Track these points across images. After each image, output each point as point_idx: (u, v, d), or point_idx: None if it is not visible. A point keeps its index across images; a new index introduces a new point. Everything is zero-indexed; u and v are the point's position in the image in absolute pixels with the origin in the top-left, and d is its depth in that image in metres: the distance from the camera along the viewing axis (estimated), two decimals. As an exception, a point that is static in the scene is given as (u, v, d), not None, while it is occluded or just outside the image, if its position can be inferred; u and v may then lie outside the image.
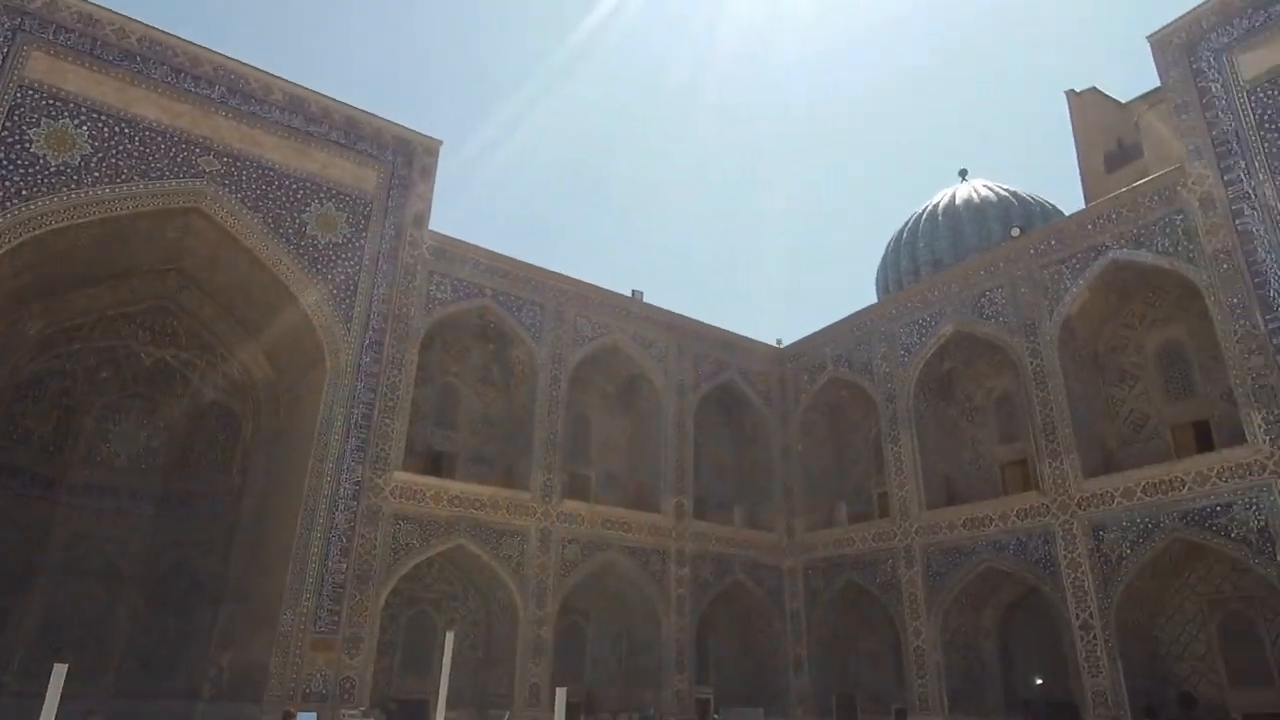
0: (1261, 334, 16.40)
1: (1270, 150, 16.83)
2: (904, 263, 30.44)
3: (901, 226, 32.08)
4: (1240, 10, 17.81)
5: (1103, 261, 19.71)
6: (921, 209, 31.91)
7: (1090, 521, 18.80)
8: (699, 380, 26.27)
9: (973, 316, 22.44)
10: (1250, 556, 16.14)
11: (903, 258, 30.70)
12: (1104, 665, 17.87)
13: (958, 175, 32.41)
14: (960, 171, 32.30)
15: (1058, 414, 19.95)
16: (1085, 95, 29.26)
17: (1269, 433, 16.05)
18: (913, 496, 22.88)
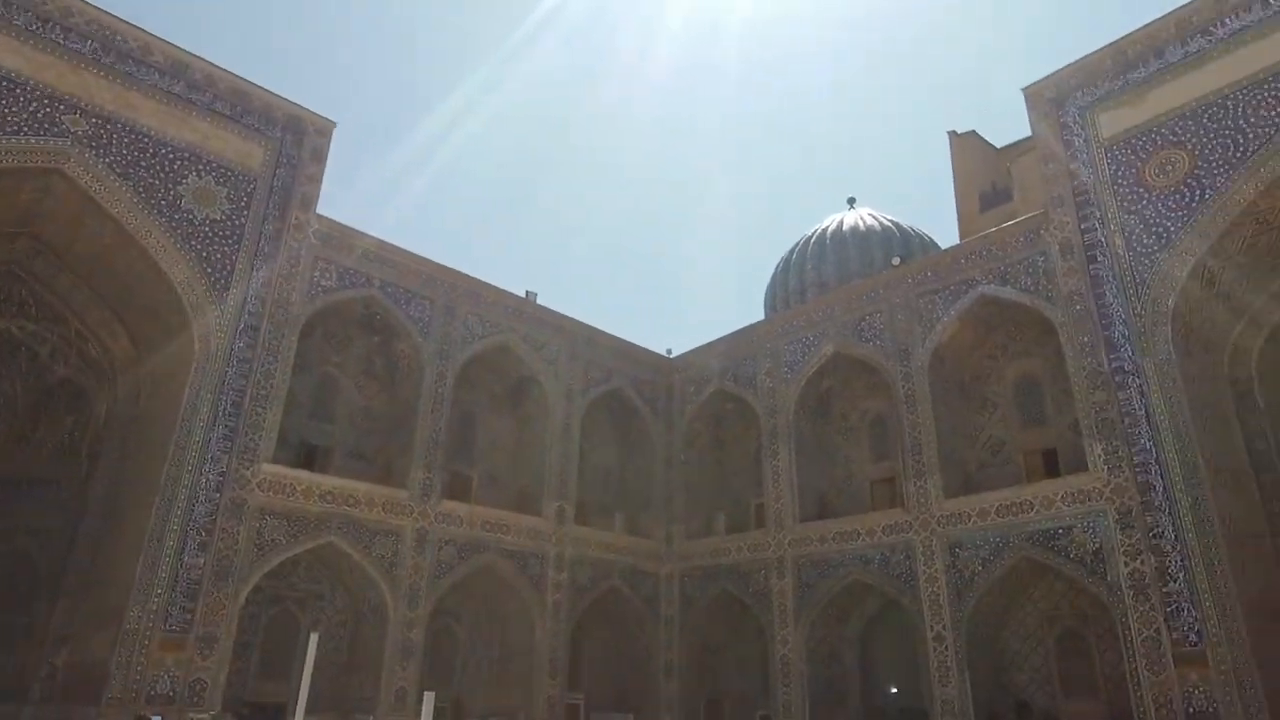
0: (1105, 372, 17.86)
1: (1121, 204, 18.40)
2: (792, 283, 31.47)
3: (792, 248, 33.16)
4: (1104, 73, 19.40)
5: (972, 295, 21.00)
6: (811, 232, 33.08)
7: (948, 539, 19.93)
8: (588, 385, 26.31)
9: (853, 339, 23.43)
10: (1085, 576, 17.51)
11: (791, 278, 31.74)
12: (953, 675, 18.95)
13: (846, 203, 33.79)
14: (849, 199, 33.71)
15: (925, 436, 21.07)
16: (965, 138, 31.13)
17: (1108, 462, 17.48)
18: (788, 509, 23.63)
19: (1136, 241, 17.98)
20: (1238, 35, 17.29)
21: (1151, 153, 18.12)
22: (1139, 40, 18.83)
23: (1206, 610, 15.55)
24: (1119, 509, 17.12)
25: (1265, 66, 16.71)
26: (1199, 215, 17.09)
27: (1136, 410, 17.26)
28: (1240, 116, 16.86)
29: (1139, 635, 16.27)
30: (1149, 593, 16.28)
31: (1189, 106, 17.70)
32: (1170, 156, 17.77)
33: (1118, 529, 17.07)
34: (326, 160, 21.52)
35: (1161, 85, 18.29)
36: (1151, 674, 15.95)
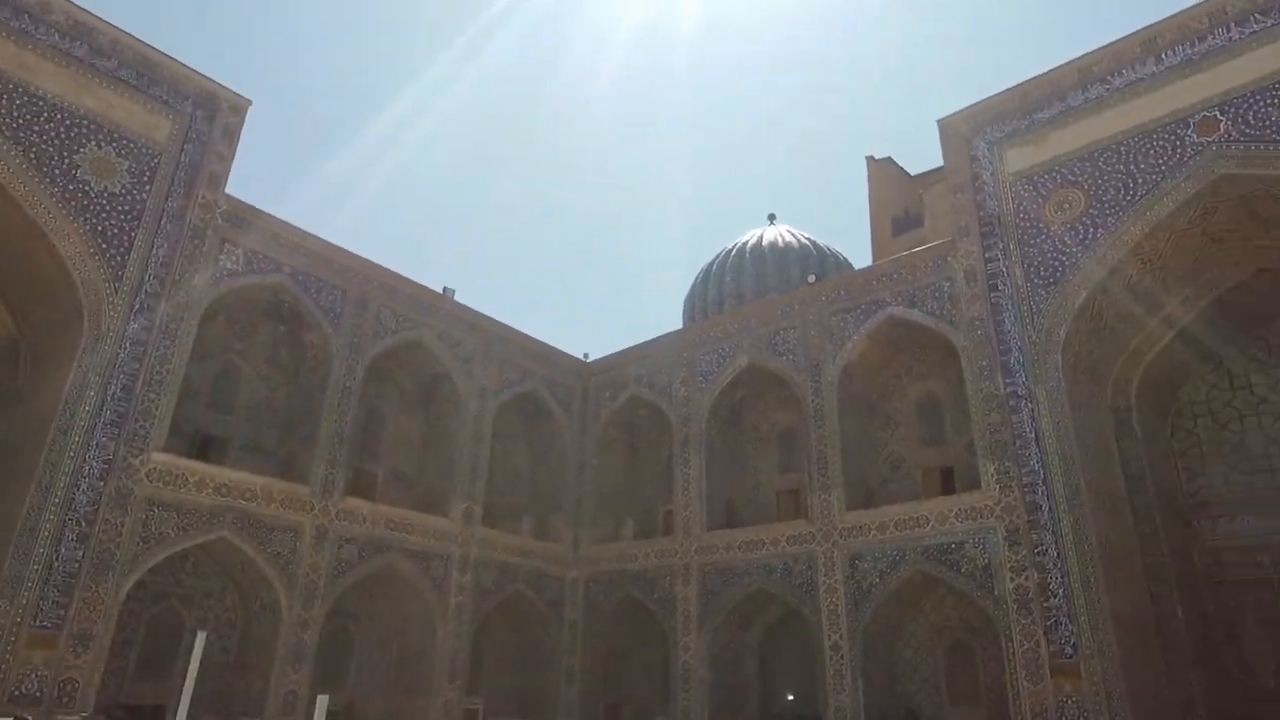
0: (1001, 395, 18.75)
1: (1021, 237, 19.38)
2: (711, 294, 31.93)
3: (712, 260, 33.64)
4: (1013, 112, 20.41)
5: (882, 315, 21.73)
6: (732, 246, 33.63)
7: (849, 551, 20.53)
8: (502, 386, 26.03)
9: (767, 352, 23.91)
10: (975, 590, 18.30)
11: (710, 289, 32.20)
12: (848, 683, 19.51)
13: (767, 219, 34.50)
14: (769, 215, 34.43)
15: (831, 450, 21.65)
16: (882, 164, 32.25)
17: (999, 482, 18.34)
18: (696, 517, 23.90)
19: (1034, 273, 18.97)
20: (1132, 86, 18.48)
21: (1052, 190, 19.16)
22: (1044, 84, 19.90)
23: (1082, 625, 16.46)
24: (1008, 527, 17.97)
25: (1155, 118, 17.89)
26: (1091, 252, 18.16)
27: (1027, 433, 18.17)
28: (1131, 162, 18.01)
29: (1020, 647, 17.09)
30: (1031, 607, 17.13)
31: (1087, 149, 18.80)
32: (1068, 195, 18.83)
33: (1006, 546, 17.91)
34: (239, 139, 20.65)
35: (1063, 127, 19.37)
36: (1030, 684, 16.77)
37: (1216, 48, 17.48)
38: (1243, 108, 16.76)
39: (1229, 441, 20.82)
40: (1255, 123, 16.52)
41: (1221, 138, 16.87)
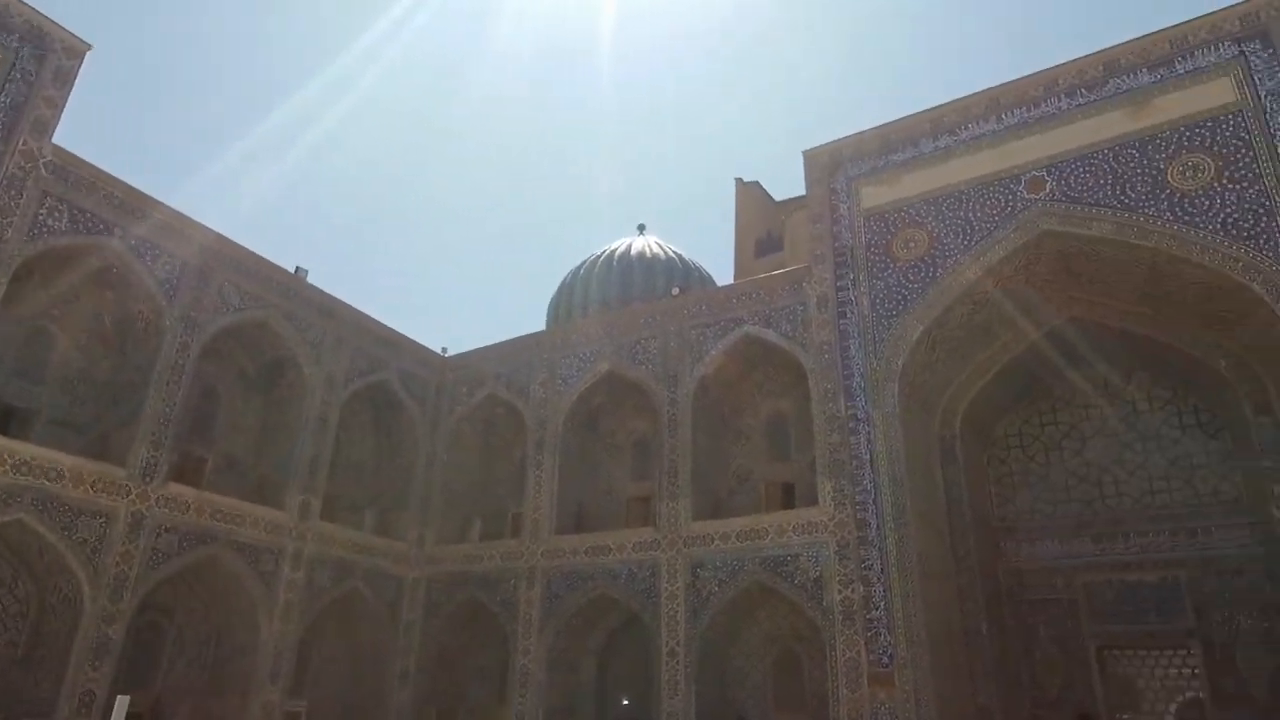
0: (842, 417, 19.82)
1: (870, 269, 20.59)
2: (577, 298, 31.99)
3: (580, 264, 33.72)
4: (871, 151, 21.68)
5: (739, 333, 22.47)
6: (601, 251, 33.85)
7: (692, 559, 21.04)
8: (353, 375, 24.99)
9: (628, 360, 24.19)
10: (805, 601, 19.20)
11: (576, 293, 32.26)
12: (682, 689, 19.97)
13: (637, 228, 34.96)
14: (639, 225, 34.90)
15: (682, 460, 22.15)
16: (750, 186, 33.42)
17: (835, 499, 19.34)
18: (546, 520, 23.81)
19: (879, 304, 20.18)
20: (976, 140, 20.06)
21: (900, 228, 20.48)
22: (901, 128, 21.27)
23: (898, 637, 17.60)
24: (839, 541, 18.98)
25: (993, 171, 19.50)
26: (930, 289, 19.53)
27: (863, 455, 19.29)
28: (970, 210, 19.54)
29: (843, 656, 18.08)
30: (855, 619, 18.16)
31: (933, 194, 20.23)
32: (914, 234, 20.18)
33: (836, 559, 18.90)
34: (73, 86, 18.83)
35: (914, 171, 20.76)
36: (849, 691, 17.77)
37: (1049, 114, 19.27)
38: (1066, 171, 18.55)
39: (1036, 473, 22.91)
40: (1076, 186, 18.32)
41: (1047, 196, 18.59)
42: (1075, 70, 19.23)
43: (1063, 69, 19.40)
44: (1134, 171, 17.79)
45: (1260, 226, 16.21)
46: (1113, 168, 18.05)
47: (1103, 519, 21.55)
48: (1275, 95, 16.78)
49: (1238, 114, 17.08)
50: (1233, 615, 19.49)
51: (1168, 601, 20.24)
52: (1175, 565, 20.38)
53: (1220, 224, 16.59)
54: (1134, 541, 21.02)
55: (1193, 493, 20.90)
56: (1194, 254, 16.77)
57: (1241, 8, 17.64)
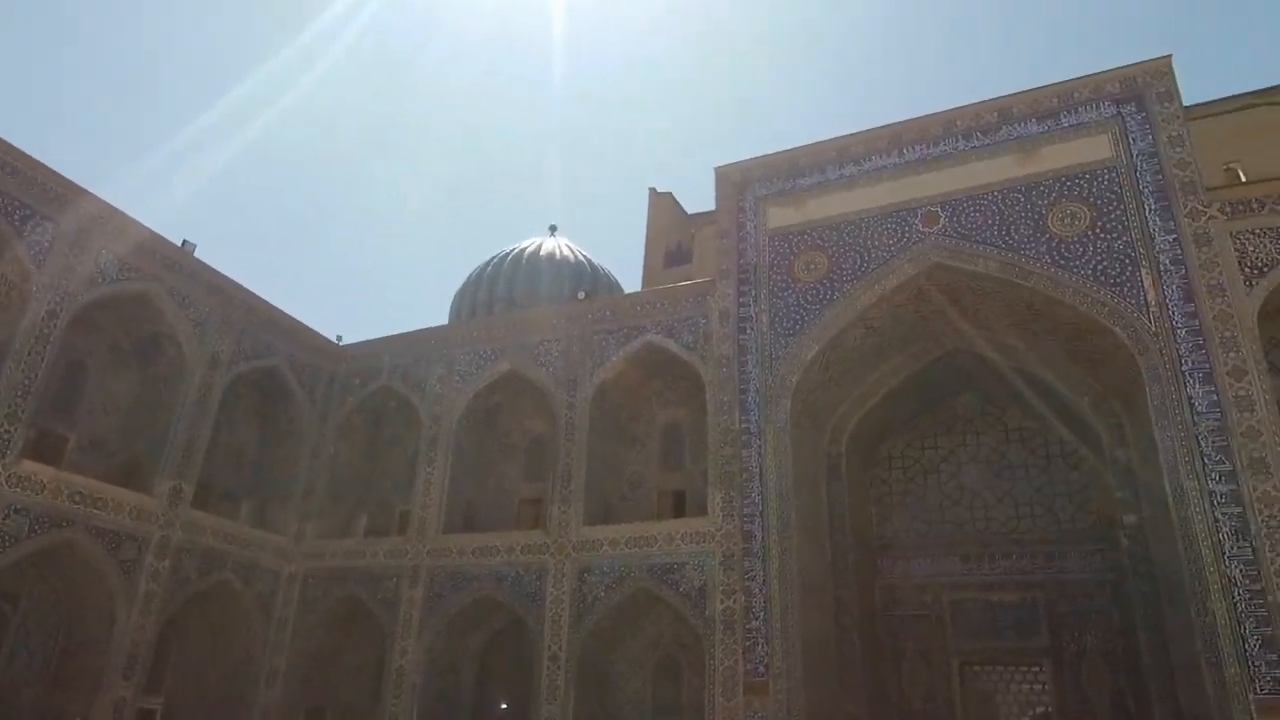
0: (736, 430, 20.21)
1: (771, 288, 21.12)
2: (482, 295, 31.53)
3: (489, 260, 33.27)
4: (780, 173, 22.25)
5: (641, 341, 22.62)
6: (511, 250, 33.49)
7: (580, 564, 21.00)
8: (238, 357, 23.87)
9: (529, 361, 23.99)
10: (689, 609, 19.45)
11: (482, 290, 31.80)
12: (561, 693, 19.89)
13: (549, 229, 34.78)
14: (551, 226, 34.74)
15: (577, 464, 22.10)
16: (663, 196, 33.74)
17: (723, 510, 19.70)
18: (433, 518, 23.32)
19: (778, 323, 20.71)
20: (879, 172, 20.88)
21: (802, 250, 21.09)
22: (810, 154, 21.93)
23: (775, 647, 18.05)
24: (725, 552, 19.32)
25: (892, 203, 20.34)
26: (827, 311, 20.18)
27: (753, 468, 19.73)
28: (868, 238, 20.30)
29: (721, 665, 18.40)
30: (735, 628, 18.52)
31: (835, 219, 20.93)
32: (815, 258, 20.83)
33: (721, 569, 19.24)
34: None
35: (819, 196, 21.43)
36: (725, 700, 18.09)
37: (946, 153, 20.24)
38: (959, 209, 19.53)
39: (914, 493, 23.93)
40: (966, 224, 19.30)
41: (940, 231, 19.52)
42: (973, 114, 20.27)
43: (961, 111, 20.42)
44: (1019, 214, 18.88)
45: (1126, 275, 17.47)
46: (1000, 209, 19.11)
47: (972, 541, 22.68)
48: (1146, 155, 18.14)
49: (1113, 169, 18.38)
50: (1081, 635, 20.83)
51: (1026, 621, 21.46)
52: (1035, 587, 21.63)
53: (1092, 271, 17.78)
54: (999, 563, 22.21)
55: (1054, 520, 22.25)
56: (1067, 296, 17.92)
57: (1121, 71, 19.02)
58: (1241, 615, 14.73)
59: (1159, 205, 17.62)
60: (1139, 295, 17.24)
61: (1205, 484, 15.64)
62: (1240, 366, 16.04)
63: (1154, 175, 17.91)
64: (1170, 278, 17.07)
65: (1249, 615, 14.67)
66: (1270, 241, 16.70)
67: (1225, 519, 15.30)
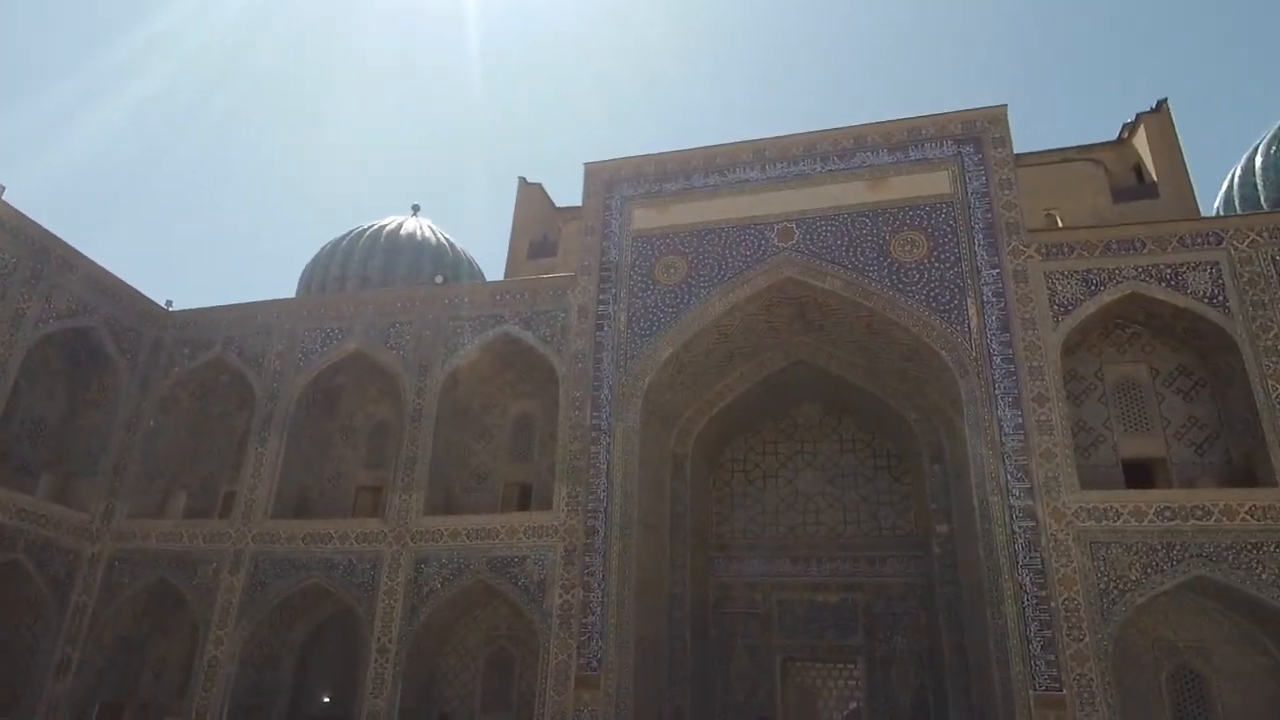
0: (586, 426, 20.30)
1: (631, 288, 21.35)
2: (334, 270, 30.03)
3: (344, 235, 31.73)
4: (648, 175, 22.54)
5: (498, 330, 22.30)
6: (369, 226, 32.10)
7: (417, 554, 20.45)
8: (48, 315, 21.63)
9: (379, 342, 23.12)
10: (526, 603, 19.36)
11: (335, 265, 30.29)
12: (387, 687, 19.30)
13: (411, 209, 33.61)
14: (414, 206, 33.56)
15: (422, 452, 21.51)
16: (532, 187, 33.37)
17: (568, 504, 19.73)
18: (262, 501, 22.05)
19: (636, 323, 20.98)
20: (741, 184, 21.54)
21: (663, 254, 21.45)
22: (678, 159, 22.34)
23: (609, 642, 18.27)
24: (566, 546, 19.37)
25: (751, 215, 21.04)
26: (683, 315, 20.62)
27: (600, 464, 19.89)
28: (727, 247, 20.92)
29: (555, 659, 18.43)
30: (571, 623, 18.60)
31: (697, 226, 21.42)
32: (674, 261, 21.24)
33: (562, 564, 19.27)
34: None
35: (684, 202, 21.87)
36: (556, 694, 18.13)
37: (804, 173, 21.16)
38: (811, 227, 20.46)
39: (753, 496, 24.87)
40: (818, 242, 20.25)
41: (793, 247, 20.37)
42: (831, 138, 21.30)
43: (822, 135, 21.41)
44: (866, 238, 20.01)
45: (954, 303, 18.88)
46: (849, 231, 20.18)
47: (803, 543, 23.82)
48: (979, 194, 19.68)
49: (950, 204, 19.82)
50: (893, 636, 22.33)
51: (845, 621, 22.77)
52: (855, 589, 22.98)
53: (925, 296, 19.10)
54: (825, 565, 23.43)
55: (876, 526, 23.72)
56: (902, 319, 19.17)
57: (963, 114, 20.54)
58: (1028, 619, 16.25)
59: (987, 241, 19.17)
60: (964, 322, 18.67)
61: (1007, 499, 17.15)
62: (1044, 394, 17.70)
63: (984, 213, 19.47)
64: (991, 309, 18.61)
65: (1034, 619, 16.21)
66: (1076, 283, 18.52)
67: (1021, 531, 16.84)
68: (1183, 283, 18.07)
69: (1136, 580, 16.26)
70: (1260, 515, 16.12)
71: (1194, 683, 17.34)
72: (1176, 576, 16.21)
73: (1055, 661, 15.85)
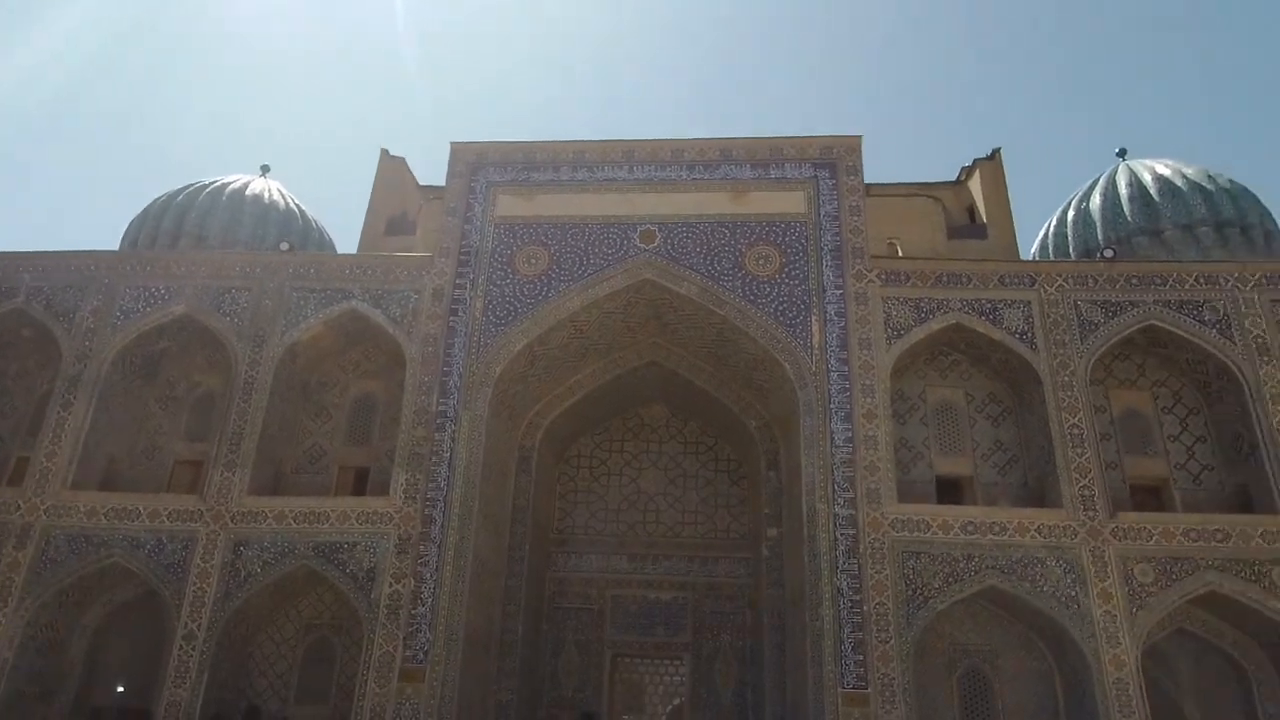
0: (432, 412, 19.80)
1: (491, 275, 21.02)
2: (167, 225, 27.70)
3: (181, 189, 29.35)
4: (516, 162, 22.27)
5: (345, 306, 21.34)
6: (211, 182, 29.86)
7: (237, 536, 19.24)
8: None
9: (211, 308, 21.58)
10: (354, 591, 18.63)
11: (168, 220, 27.93)
12: (192, 675, 18.06)
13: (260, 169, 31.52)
14: (263, 166, 31.49)
15: (251, 427, 20.25)
16: (395, 161, 32.11)
17: (406, 491, 19.16)
18: (61, 470, 20.07)
19: (492, 310, 20.67)
20: (609, 182, 21.69)
21: (526, 244, 21.25)
22: (548, 150, 22.21)
23: (438, 634, 17.90)
24: (401, 535, 18.81)
25: (617, 214, 21.23)
26: (541, 308, 20.52)
27: (444, 452, 19.45)
28: (590, 243, 20.99)
29: (379, 650, 17.85)
30: (399, 613, 18.08)
31: (561, 219, 21.38)
32: (536, 252, 21.09)
33: (394, 552, 18.68)
34: None
35: (550, 193, 21.76)
36: (378, 686, 17.57)
37: (671, 178, 21.57)
38: (674, 232, 20.89)
39: (597, 492, 25.08)
40: (677, 247, 20.70)
41: (654, 249, 20.72)
42: (699, 148, 21.82)
43: (690, 143, 21.89)
44: (723, 248, 20.64)
45: (800, 319, 19.80)
46: (708, 240, 20.75)
47: (641, 541, 24.25)
48: (830, 217, 20.75)
49: (804, 223, 20.78)
50: (719, 634, 23.13)
51: (675, 618, 23.37)
52: (687, 588, 23.63)
53: (774, 310, 19.93)
54: (661, 564, 23.96)
55: (712, 528, 24.49)
56: (751, 329, 19.91)
57: (822, 139, 21.62)
58: (843, 621, 17.30)
59: (834, 262, 20.24)
60: (807, 338, 19.62)
61: (832, 508, 18.17)
62: (873, 410, 18.88)
63: (834, 235, 20.55)
64: (833, 326, 19.66)
65: (848, 621, 17.27)
66: (909, 310, 19.89)
67: (842, 538, 17.90)
68: (1000, 318, 19.78)
69: (939, 588, 17.65)
70: (1046, 533, 17.89)
71: (980, 683, 19.01)
72: (973, 586, 17.72)
73: (864, 661, 16.94)
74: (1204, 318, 19.40)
